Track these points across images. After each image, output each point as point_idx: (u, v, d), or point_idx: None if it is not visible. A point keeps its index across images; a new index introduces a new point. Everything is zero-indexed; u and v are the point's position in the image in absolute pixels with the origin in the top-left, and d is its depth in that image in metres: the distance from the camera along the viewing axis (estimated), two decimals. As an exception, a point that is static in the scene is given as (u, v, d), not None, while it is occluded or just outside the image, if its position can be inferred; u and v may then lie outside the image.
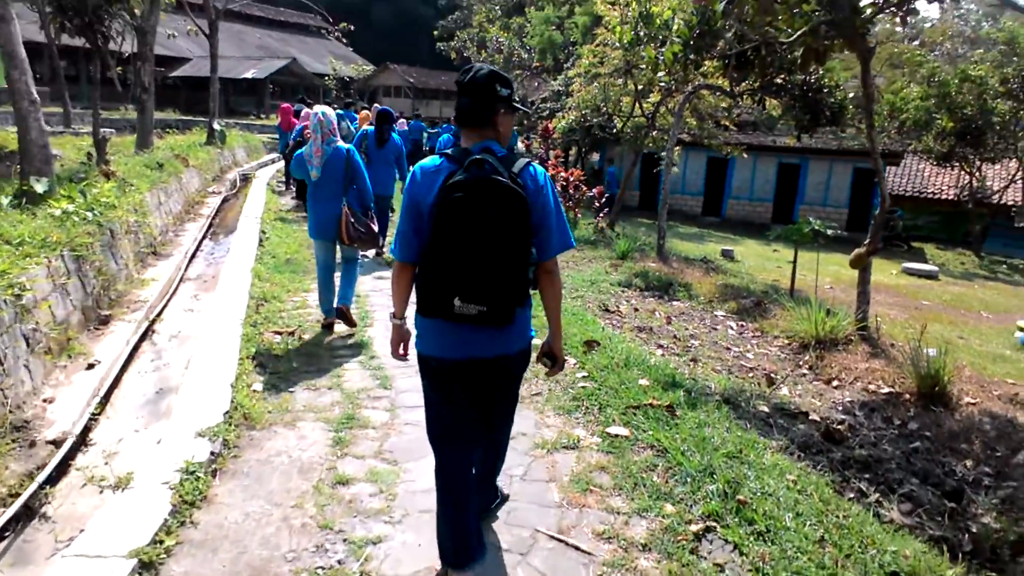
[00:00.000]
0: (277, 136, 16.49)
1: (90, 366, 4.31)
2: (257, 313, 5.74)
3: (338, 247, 5.59)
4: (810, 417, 5.22)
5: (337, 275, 5.66)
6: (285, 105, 14.11)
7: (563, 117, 13.85)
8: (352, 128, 11.23)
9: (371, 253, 8.35)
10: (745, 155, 15.10)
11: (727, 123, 14.50)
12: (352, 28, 39.08)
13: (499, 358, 2.49)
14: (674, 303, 8.39)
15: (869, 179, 22.89)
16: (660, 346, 6.43)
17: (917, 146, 21.61)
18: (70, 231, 5.20)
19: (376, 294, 6.71)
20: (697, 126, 14.00)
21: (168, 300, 6.26)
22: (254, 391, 4.28)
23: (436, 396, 2.61)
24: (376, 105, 17.10)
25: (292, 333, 5.42)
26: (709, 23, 6.31)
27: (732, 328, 7.52)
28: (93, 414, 3.86)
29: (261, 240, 8.60)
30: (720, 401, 4.81)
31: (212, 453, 3.43)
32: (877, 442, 5.01)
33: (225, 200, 12.90)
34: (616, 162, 26.37)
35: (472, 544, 2.63)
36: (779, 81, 11.96)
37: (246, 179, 15.70)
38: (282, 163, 18.11)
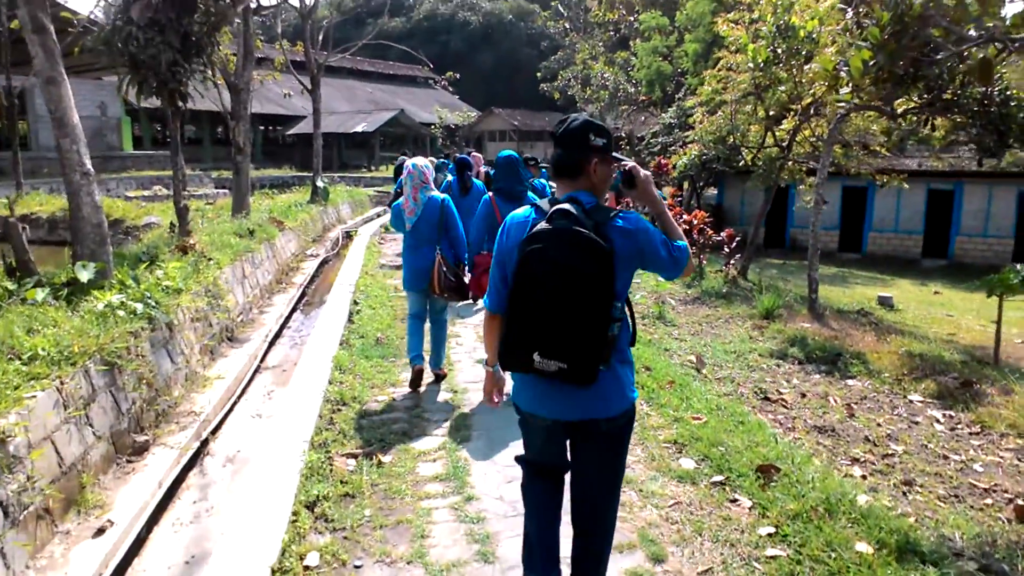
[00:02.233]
0: (395, 191, 15.39)
1: (99, 531, 3.25)
2: (331, 425, 4.61)
3: (429, 301, 5.51)
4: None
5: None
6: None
7: (684, 152, 12.35)
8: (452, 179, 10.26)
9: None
10: (906, 185, 13.00)
11: (879, 148, 12.51)
12: (458, 76, 39.29)
13: (594, 421, 2.38)
14: (849, 382, 6.65)
15: (1040, 204, 19.83)
16: (854, 459, 4.78)
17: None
18: (108, 332, 4.27)
19: (475, 388, 5.44)
20: (842, 153, 12.11)
21: (233, 405, 5.26)
22: (306, 568, 3.07)
23: (528, 449, 2.61)
24: (472, 152, 16.33)
25: (370, 455, 4.23)
26: (903, 19, 4.77)
27: (939, 421, 5.72)
28: (80, 621, 2.76)
29: (351, 314, 7.62)
30: (983, 578, 3.17)
31: None
32: None
33: (325, 262, 12.22)
34: (727, 195, 24.41)
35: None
36: (947, 96, 10.04)
37: (349, 236, 15.12)
38: (387, 217, 17.71)
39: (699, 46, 27.58)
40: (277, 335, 7.27)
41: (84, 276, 4.93)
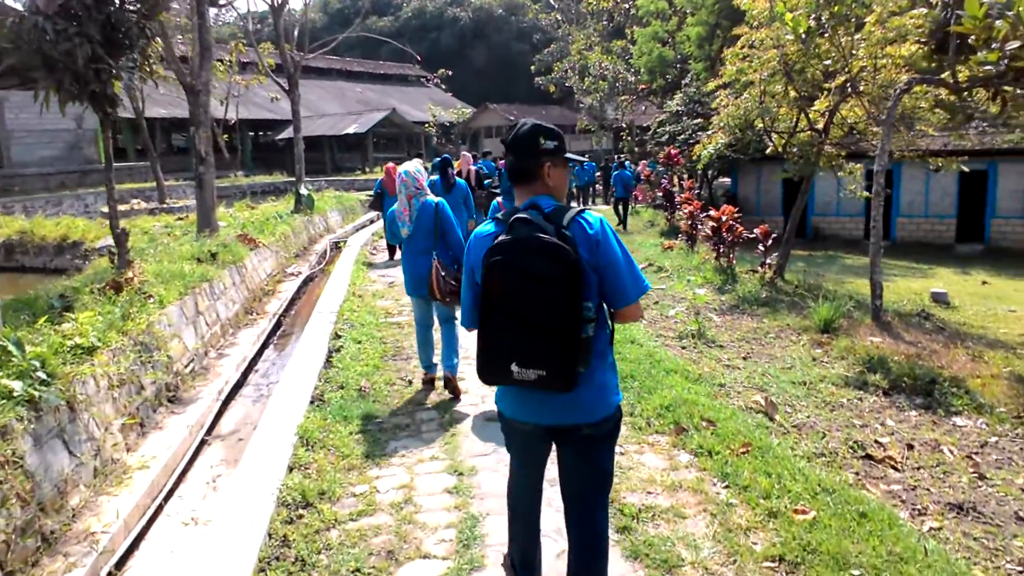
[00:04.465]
0: (374, 193, 13.57)
1: None
2: (284, 548, 3.23)
3: (434, 306, 5.37)
4: None
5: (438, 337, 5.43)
6: (390, 165, 11.01)
7: (709, 140, 10.95)
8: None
9: None
10: (965, 168, 11.58)
11: (924, 127, 11.10)
12: (450, 73, 37.87)
13: (575, 427, 2.32)
14: (956, 421, 5.28)
15: (1082, 180, 18.42)
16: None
17: None
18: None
19: (486, 468, 4.05)
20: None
21: (160, 507, 3.88)
22: None
23: (513, 456, 2.56)
24: (464, 151, 15.11)
25: (338, 604, 2.86)
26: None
27: (1097, 479, 4.34)
28: None
29: (331, 353, 6.25)
30: None
31: None
32: None
33: (309, 280, 10.85)
34: (742, 184, 22.97)
35: None
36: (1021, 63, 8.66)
37: (338, 247, 13.74)
38: (379, 224, 16.29)
39: (702, 29, 26.16)
40: (237, 387, 5.88)
41: (-60, 344, 3.56)
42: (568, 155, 2.39)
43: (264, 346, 7.10)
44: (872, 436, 4.91)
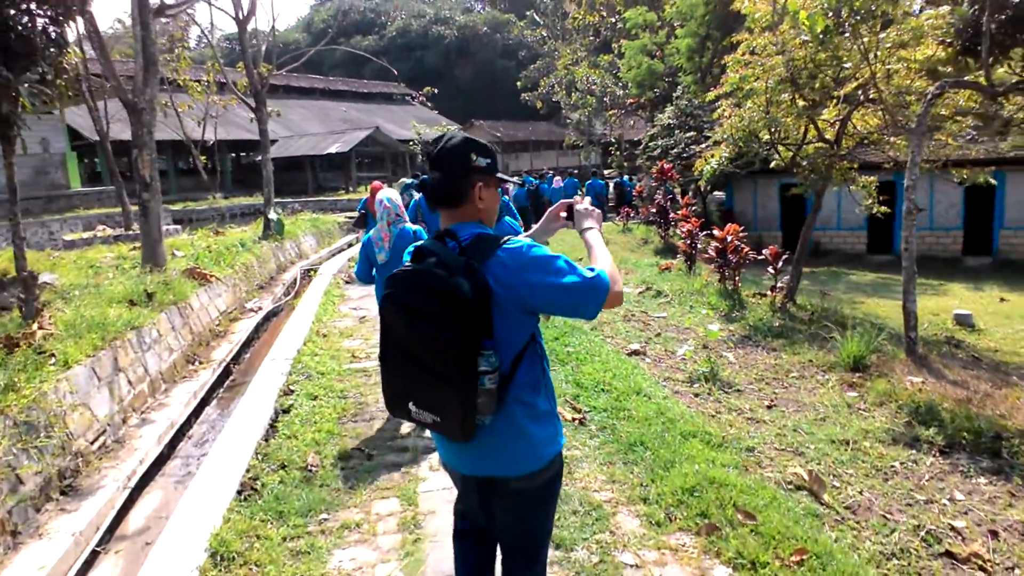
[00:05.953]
0: (358, 212, 12.68)
1: None
2: None
3: None
4: None
5: None
6: (376, 183, 10.16)
7: (712, 155, 10.01)
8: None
9: None
10: (992, 180, 10.68)
11: (945, 138, 10.22)
12: (435, 91, 37.09)
13: (502, 480, 2.06)
14: (1039, 491, 4.31)
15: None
16: None
17: None
18: None
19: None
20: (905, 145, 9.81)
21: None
22: None
23: (458, 498, 2.37)
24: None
25: None
26: None
27: None
28: None
29: (277, 415, 5.21)
30: None
31: None
32: None
33: (274, 315, 9.81)
34: (738, 199, 22.10)
35: None
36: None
37: (309, 276, 12.70)
38: (357, 248, 15.25)
39: (692, 41, 25.39)
40: (162, 461, 4.82)
41: None
42: (499, 175, 2.15)
43: (205, 403, 6.05)
44: (943, 518, 3.92)
